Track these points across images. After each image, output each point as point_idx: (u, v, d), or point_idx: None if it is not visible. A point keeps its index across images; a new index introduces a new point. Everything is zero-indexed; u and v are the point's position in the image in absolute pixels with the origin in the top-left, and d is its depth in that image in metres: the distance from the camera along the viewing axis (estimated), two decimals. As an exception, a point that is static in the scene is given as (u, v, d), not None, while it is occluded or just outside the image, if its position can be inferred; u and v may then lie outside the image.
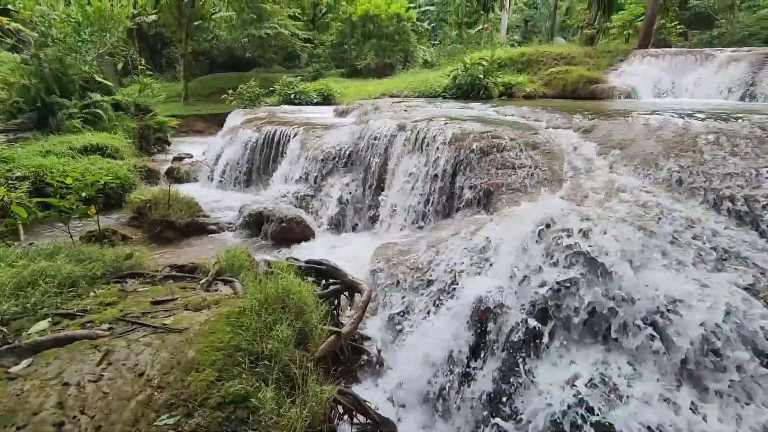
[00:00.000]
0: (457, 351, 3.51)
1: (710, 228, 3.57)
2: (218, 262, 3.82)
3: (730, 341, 2.62)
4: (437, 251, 4.36)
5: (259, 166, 8.42)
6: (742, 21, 15.77)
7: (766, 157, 4.15)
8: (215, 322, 2.66)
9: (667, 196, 3.97)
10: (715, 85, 10.33)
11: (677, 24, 16.56)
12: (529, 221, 3.59)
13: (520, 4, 31.90)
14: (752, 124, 4.90)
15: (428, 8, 28.97)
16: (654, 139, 4.85)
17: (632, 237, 3.26)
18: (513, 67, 13.31)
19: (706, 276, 3.10)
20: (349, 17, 18.85)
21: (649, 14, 13.32)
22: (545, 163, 4.75)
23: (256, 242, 6.55)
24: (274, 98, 14.19)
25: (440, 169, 5.25)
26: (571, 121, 5.90)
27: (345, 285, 4.16)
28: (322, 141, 7.44)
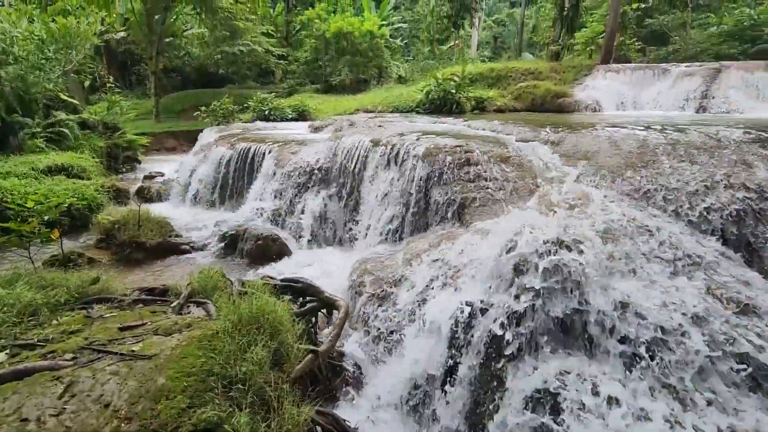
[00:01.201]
0: (435, 365, 3.52)
1: (672, 236, 3.74)
2: (190, 284, 3.72)
3: (693, 343, 2.73)
4: (413, 265, 4.39)
5: (234, 183, 8.31)
6: (694, 38, 16.79)
7: (720, 166, 4.41)
8: (187, 347, 2.58)
9: (631, 205, 4.15)
10: (672, 97, 10.92)
11: (636, 41, 17.49)
12: (500, 234, 3.67)
13: (489, 22, 33.06)
14: (706, 134, 5.20)
15: (401, 25, 29.63)
16: (617, 151, 5.07)
17: (599, 247, 3.37)
18: (484, 82, 13.71)
19: (669, 282, 3.23)
20: (323, 34, 19.05)
21: (609, 32, 14.03)
22: (515, 176, 4.89)
23: (232, 261, 6.43)
24: (248, 115, 14.10)
25: (414, 183, 5.32)
26: (540, 134, 6.10)
27: (322, 302, 4.13)
28: (298, 157, 7.42)
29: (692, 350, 2.71)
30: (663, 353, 2.74)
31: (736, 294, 3.16)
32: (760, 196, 3.95)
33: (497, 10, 35.99)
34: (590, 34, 17.58)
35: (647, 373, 2.72)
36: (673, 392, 2.62)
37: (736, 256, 3.65)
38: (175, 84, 24.08)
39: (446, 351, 3.51)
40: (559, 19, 14.79)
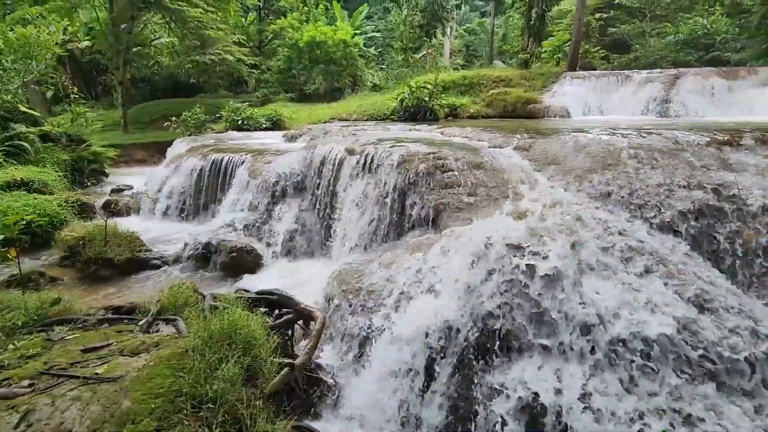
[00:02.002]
0: (414, 372, 3.51)
1: (637, 236, 3.87)
2: (160, 300, 3.60)
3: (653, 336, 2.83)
4: (390, 273, 4.38)
5: (206, 195, 8.12)
6: (654, 46, 17.66)
7: (679, 168, 4.61)
8: (154, 367, 2.49)
9: (598, 208, 4.28)
10: (635, 103, 11.40)
11: (599, 49, 18.24)
12: (474, 239, 3.72)
13: (461, 31, 33.79)
14: (666, 138, 5.44)
15: (374, 35, 29.92)
16: (584, 155, 5.24)
17: (567, 249, 3.46)
18: (457, 90, 13.96)
19: (636, 281, 3.34)
20: (296, 43, 19.01)
21: (574, 40, 14.57)
22: (488, 182, 4.98)
23: (205, 275, 6.26)
24: (221, 124, 13.88)
25: (389, 191, 5.33)
26: (511, 140, 6.24)
27: (298, 314, 4.07)
28: (272, 167, 7.34)
29: (653, 343, 2.80)
30: (626, 349, 2.82)
31: (696, 290, 3.29)
32: (717, 196, 4.15)
33: (468, 20, 36.86)
34: (557, 43, 18.24)
35: (615, 369, 2.79)
36: (637, 387, 2.70)
37: (697, 253, 3.81)
38: (143, 94, 23.48)
39: (423, 358, 3.51)
40: (526, 29, 15.26)
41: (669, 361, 2.83)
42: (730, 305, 3.19)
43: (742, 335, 3.02)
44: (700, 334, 2.99)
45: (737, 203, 4.04)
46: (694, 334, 2.98)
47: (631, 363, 2.89)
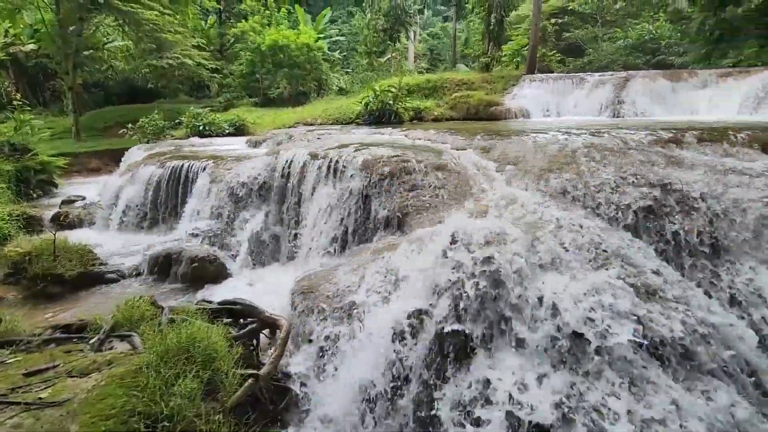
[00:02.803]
0: (382, 376, 3.51)
1: (592, 231, 4.04)
2: (114, 316, 3.43)
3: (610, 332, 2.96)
4: (356, 277, 4.36)
5: (166, 204, 7.83)
6: (606, 50, 18.58)
7: (628, 166, 4.85)
8: (106, 387, 2.36)
9: (555, 205, 4.43)
10: (589, 104, 11.92)
11: (556, 52, 19.00)
12: (437, 240, 3.77)
13: (424, 35, 34.31)
14: (616, 137, 5.72)
15: (339, 39, 29.87)
16: (542, 155, 5.42)
17: (526, 246, 3.57)
18: (421, 93, 14.13)
19: (591, 274, 3.48)
20: (259, 47, 18.67)
21: (532, 44, 15.10)
22: (451, 183, 5.06)
23: (166, 287, 6.03)
24: (181, 131, 13.43)
25: (354, 195, 5.32)
26: (473, 142, 6.38)
27: (262, 323, 3.99)
28: (234, 173, 7.17)
29: (608, 337, 2.93)
30: (583, 342, 2.93)
31: (646, 281, 3.47)
32: (663, 191, 4.39)
33: (432, 24, 37.49)
34: (516, 47, 18.85)
35: (569, 362, 2.90)
36: (590, 375, 2.82)
37: (646, 246, 4.01)
38: (97, 100, 22.37)
39: (392, 359, 3.51)
40: (486, 33, 15.69)
41: (622, 349, 2.96)
42: (676, 294, 3.38)
43: (686, 321, 3.20)
44: (649, 321, 3.15)
45: (681, 197, 4.29)
46: (644, 322, 3.13)
47: (587, 353, 3.01)
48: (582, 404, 2.79)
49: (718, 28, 13.69)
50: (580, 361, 2.93)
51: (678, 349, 3.01)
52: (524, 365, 3.03)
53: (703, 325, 3.16)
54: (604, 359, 2.92)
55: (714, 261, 3.85)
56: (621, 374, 2.84)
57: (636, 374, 2.84)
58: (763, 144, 5.57)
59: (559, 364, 2.97)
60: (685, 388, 2.83)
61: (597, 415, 2.73)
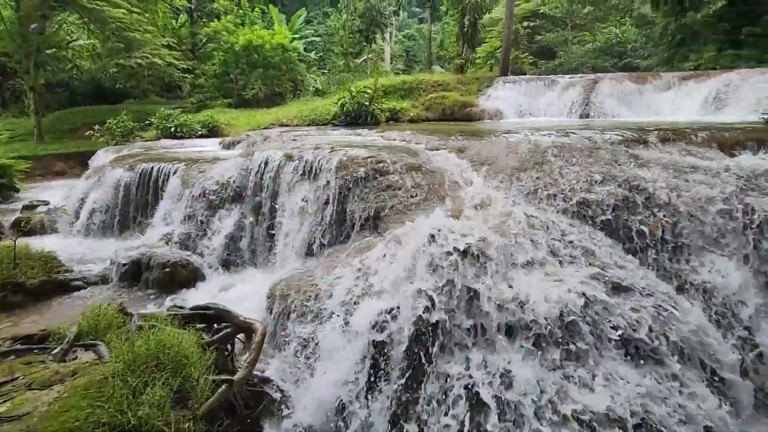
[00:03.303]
0: (360, 376, 3.51)
1: (562, 229, 4.15)
2: (78, 325, 3.30)
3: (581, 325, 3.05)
4: (333, 278, 4.34)
5: (135, 208, 7.58)
6: (575, 53, 19.15)
7: (597, 164, 5.01)
8: (69, 398, 2.27)
9: (527, 203, 4.54)
10: (560, 105, 12.23)
11: (528, 55, 19.43)
12: (413, 239, 3.79)
13: (400, 37, 34.49)
14: (585, 138, 5.89)
15: (315, 39, 29.68)
16: (515, 155, 5.54)
17: (500, 244, 3.63)
18: (397, 94, 14.19)
19: (560, 270, 3.58)
20: (232, 47, 18.34)
21: (504, 47, 15.40)
22: (426, 183, 5.10)
23: (136, 294, 5.84)
24: (152, 132, 13.05)
25: (330, 196, 5.30)
26: (448, 142, 6.46)
27: (237, 327, 3.91)
28: (208, 176, 7.01)
29: (578, 330, 3.02)
30: (553, 332, 3.02)
31: (613, 276, 3.59)
32: (628, 189, 4.55)
33: (407, 26, 37.73)
34: (489, 49, 19.18)
35: (544, 354, 2.98)
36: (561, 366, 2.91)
37: (613, 242, 4.15)
38: (61, 100, 21.47)
39: (369, 359, 3.52)
40: (461, 35, 15.91)
41: (588, 338, 3.06)
42: (640, 286, 3.51)
43: (649, 312, 3.33)
44: (615, 312, 3.26)
45: (646, 195, 4.46)
46: (610, 313, 3.24)
47: (557, 344, 3.09)
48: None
49: (680, 33, 14.32)
50: (549, 352, 3.00)
51: (643, 337, 3.13)
52: (496, 360, 3.09)
53: (665, 315, 3.30)
54: (573, 349, 3.00)
55: (677, 255, 4.02)
56: (588, 362, 2.93)
57: (602, 361, 2.94)
58: (721, 143, 5.86)
59: (528, 356, 3.04)
60: (645, 371, 2.95)
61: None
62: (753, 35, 12.58)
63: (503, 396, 2.89)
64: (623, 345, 3.12)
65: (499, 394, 2.92)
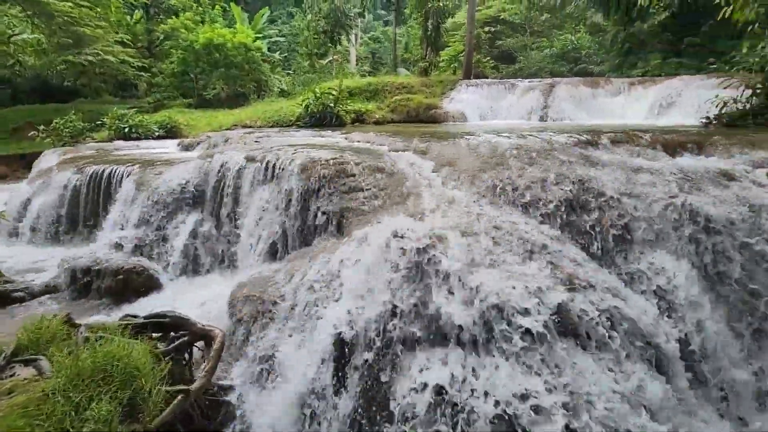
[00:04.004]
0: (323, 382, 3.48)
1: (522, 228, 4.28)
2: (17, 339, 3.07)
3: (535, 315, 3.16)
4: (296, 281, 4.28)
5: (85, 213, 7.18)
6: (534, 58, 19.87)
7: (552, 165, 5.21)
8: (5, 418, 2.11)
9: (487, 203, 4.65)
10: (520, 108, 12.65)
11: (489, 59, 19.98)
12: (376, 241, 3.80)
13: (366, 39, 34.55)
14: (542, 140, 6.12)
15: (279, 39, 29.19)
16: (476, 156, 5.67)
17: (462, 244, 3.71)
18: (362, 96, 14.22)
19: (519, 268, 3.70)
20: (192, 45, 17.73)
21: (467, 51, 15.76)
22: (389, 185, 5.13)
23: (87, 304, 5.54)
24: (104, 133, 12.40)
25: (293, 198, 5.23)
26: (411, 144, 6.53)
27: (195, 335, 3.78)
28: (164, 178, 6.74)
29: (535, 324, 3.14)
30: (514, 330, 3.11)
31: (569, 271, 3.74)
32: (581, 188, 4.76)
33: (373, 28, 37.85)
34: (453, 53, 19.59)
35: (505, 351, 3.06)
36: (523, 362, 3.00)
37: (569, 240, 4.33)
38: (2, 98, 20.00)
39: (332, 363, 3.49)
40: (424, 39, 16.13)
41: (549, 335, 3.17)
42: (594, 282, 3.68)
43: (603, 307, 3.50)
44: (572, 309, 3.40)
45: (597, 194, 4.68)
46: (567, 309, 3.38)
47: (519, 343, 3.19)
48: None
49: (628, 42, 15.16)
50: (508, 347, 3.09)
51: (593, 327, 3.28)
52: (459, 358, 3.14)
53: (615, 307, 3.48)
54: (528, 343, 3.11)
55: (625, 251, 4.24)
56: (542, 356, 3.03)
57: (557, 354, 3.06)
58: (665, 145, 6.26)
59: (486, 355, 3.12)
60: (596, 361, 3.10)
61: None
62: (693, 45, 13.52)
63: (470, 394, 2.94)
64: (576, 336, 3.26)
65: (464, 391, 2.97)
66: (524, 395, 2.92)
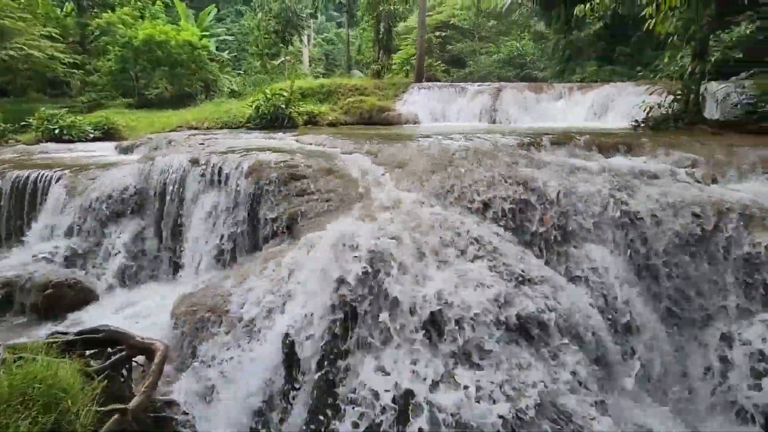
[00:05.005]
0: (273, 391, 3.40)
1: (468, 227, 4.41)
2: None
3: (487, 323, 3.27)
4: (245, 289, 4.15)
5: (7, 222, 6.54)
6: (483, 62, 20.61)
7: (498, 166, 5.41)
8: None
9: (436, 204, 4.75)
10: (470, 111, 13.07)
11: (440, 63, 20.48)
12: (326, 244, 3.76)
13: (319, 40, 34.23)
14: (489, 141, 6.35)
15: (227, 38, 28.22)
16: (426, 158, 5.77)
17: (411, 244, 3.76)
18: (315, 97, 14.07)
19: (467, 266, 3.80)
20: (131, 42, 16.70)
21: (419, 54, 16.06)
22: (341, 187, 5.11)
23: (10, 322, 5.06)
24: (30, 134, 11.39)
25: (241, 203, 5.06)
26: (363, 146, 6.53)
27: (134, 349, 3.56)
28: (100, 183, 6.30)
29: (484, 320, 3.24)
30: (462, 329, 3.19)
31: (513, 268, 3.90)
32: (525, 189, 4.98)
33: (326, 29, 37.57)
34: (405, 56, 19.89)
35: (452, 347, 3.14)
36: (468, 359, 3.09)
37: (513, 237, 4.52)
38: None
39: (282, 372, 3.42)
40: (376, 41, 16.25)
41: (494, 330, 3.28)
42: (536, 276, 3.86)
43: (547, 301, 3.68)
44: (517, 303, 3.54)
45: (539, 193, 4.91)
46: (512, 304, 3.52)
47: (465, 338, 3.28)
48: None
49: (568, 49, 16.13)
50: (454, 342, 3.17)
51: (537, 323, 3.44)
52: (410, 357, 3.18)
53: (557, 301, 3.67)
54: (473, 339, 3.20)
55: (564, 246, 4.48)
56: (488, 352, 3.14)
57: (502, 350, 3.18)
58: (599, 146, 6.70)
59: (434, 356, 3.18)
60: (540, 355, 3.25)
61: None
62: (624, 54, 14.62)
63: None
64: (523, 330, 3.40)
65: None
66: (474, 388, 3.00)
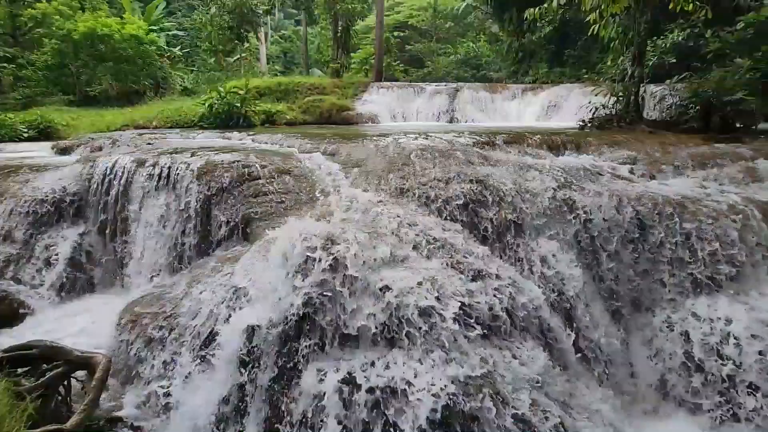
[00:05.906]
0: (227, 400, 3.28)
1: (425, 225, 4.45)
2: None
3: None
4: (196, 295, 3.98)
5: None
6: (441, 63, 20.99)
7: (454, 165, 5.51)
8: None
9: (394, 203, 4.76)
10: (429, 110, 13.28)
11: (399, 63, 20.64)
12: (281, 246, 3.67)
13: (276, 37, 33.49)
14: (445, 141, 6.45)
15: (178, 33, 26.97)
16: (383, 157, 5.77)
17: (367, 244, 3.74)
18: (273, 96, 13.74)
19: (424, 264, 3.84)
20: (69, 35, 15.57)
21: (378, 54, 16.10)
22: (297, 187, 5.01)
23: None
24: (-48, 135, 10.35)
25: (191, 205, 4.84)
26: (320, 146, 6.45)
27: (72, 364, 3.33)
28: (33, 186, 5.82)
29: (441, 317, 3.28)
30: (421, 328, 3.22)
31: (469, 265, 3.98)
32: (480, 187, 5.10)
33: (284, 27, 36.79)
34: (364, 55, 19.88)
35: (411, 347, 3.16)
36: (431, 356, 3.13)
37: (469, 234, 4.61)
38: None
39: (237, 378, 3.30)
40: (335, 40, 16.12)
41: (454, 325, 3.33)
42: (491, 271, 3.95)
43: (503, 294, 3.78)
44: (475, 298, 3.62)
45: (493, 190, 5.04)
46: (471, 299, 3.58)
47: (425, 336, 3.30)
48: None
49: (521, 51, 16.74)
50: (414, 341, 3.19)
51: (492, 316, 3.53)
52: (368, 357, 3.17)
53: (511, 294, 3.78)
54: (433, 336, 3.24)
55: (517, 240, 4.63)
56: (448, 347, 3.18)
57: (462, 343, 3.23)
58: (550, 145, 7.00)
59: (400, 350, 3.19)
60: (497, 348, 3.34)
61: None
62: (572, 57, 15.35)
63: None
64: (480, 325, 3.47)
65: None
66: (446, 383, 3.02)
